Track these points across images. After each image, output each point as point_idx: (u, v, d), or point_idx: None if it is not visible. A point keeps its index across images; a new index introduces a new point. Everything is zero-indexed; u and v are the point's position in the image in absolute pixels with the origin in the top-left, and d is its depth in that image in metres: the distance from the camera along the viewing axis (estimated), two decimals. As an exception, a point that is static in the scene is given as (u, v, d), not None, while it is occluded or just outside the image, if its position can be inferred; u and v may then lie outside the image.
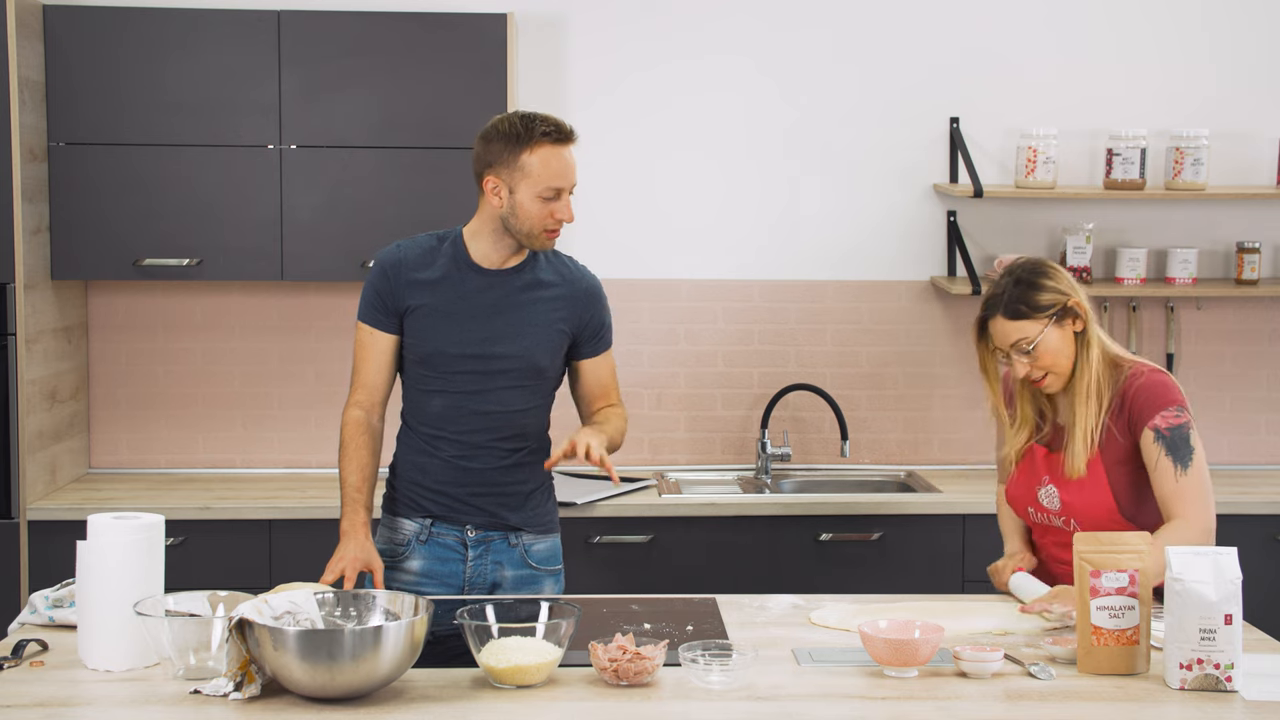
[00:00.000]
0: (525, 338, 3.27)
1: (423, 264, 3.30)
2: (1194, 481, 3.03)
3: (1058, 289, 3.10)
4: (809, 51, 4.82)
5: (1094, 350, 3.11)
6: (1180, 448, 3.05)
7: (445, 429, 3.31)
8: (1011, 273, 3.15)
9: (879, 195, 4.86)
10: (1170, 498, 3.03)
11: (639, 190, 4.84)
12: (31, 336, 4.30)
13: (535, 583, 3.37)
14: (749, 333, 4.87)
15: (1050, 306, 3.09)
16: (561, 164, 3.22)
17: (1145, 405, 3.08)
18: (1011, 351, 3.11)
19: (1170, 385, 3.12)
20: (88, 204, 4.42)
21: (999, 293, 3.12)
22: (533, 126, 3.19)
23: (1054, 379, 3.13)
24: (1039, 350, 3.08)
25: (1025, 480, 3.23)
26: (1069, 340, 3.11)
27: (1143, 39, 4.86)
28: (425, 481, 3.34)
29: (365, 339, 3.33)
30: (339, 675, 2.47)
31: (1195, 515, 3.01)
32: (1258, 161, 4.86)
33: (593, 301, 3.37)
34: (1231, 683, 2.59)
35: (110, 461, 4.80)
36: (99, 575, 2.72)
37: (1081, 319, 3.12)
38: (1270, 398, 4.95)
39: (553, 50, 4.78)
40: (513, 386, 3.29)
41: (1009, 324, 3.09)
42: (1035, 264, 3.16)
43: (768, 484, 4.72)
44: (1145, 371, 3.12)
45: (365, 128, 4.44)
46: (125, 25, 4.40)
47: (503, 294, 3.28)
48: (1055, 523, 3.18)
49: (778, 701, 2.56)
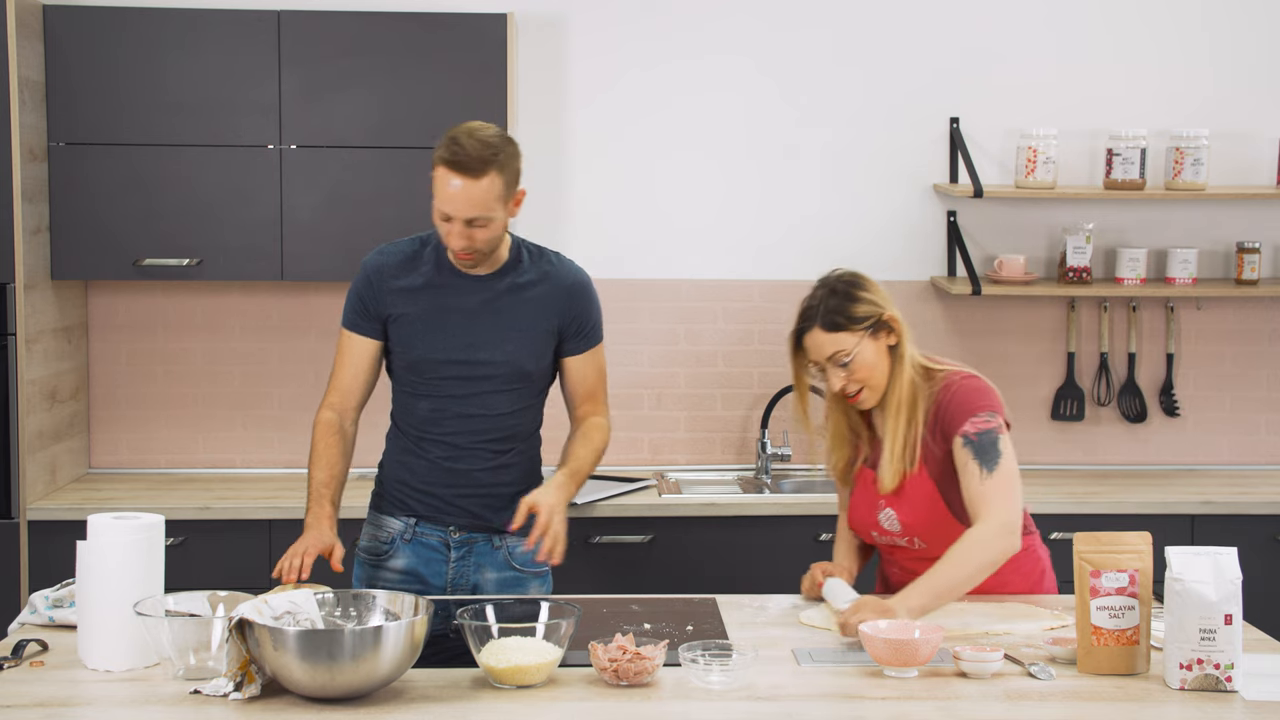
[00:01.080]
0: (509, 343, 3.26)
1: (405, 270, 3.28)
2: (998, 483, 2.98)
3: (873, 301, 3.08)
4: (809, 51, 4.82)
5: (906, 365, 3.08)
6: (987, 451, 3.00)
7: (432, 431, 3.31)
8: (826, 284, 3.12)
9: (879, 195, 4.86)
10: (975, 499, 2.99)
11: (639, 190, 4.84)
12: (31, 336, 4.30)
13: (520, 584, 3.36)
14: (749, 333, 4.87)
15: (866, 318, 3.06)
16: (448, 189, 3.09)
17: (956, 413, 3.05)
18: (828, 364, 3.08)
19: (983, 390, 3.09)
20: (88, 204, 4.42)
21: (815, 304, 3.10)
22: (444, 144, 3.10)
23: (869, 393, 3.09)
24: (855, 363, 3.05)
25: (863, 504, 3.20)
26: (884, 354, 3.08)
27: (1142, 39, 4.86)
28: (412, 481, 3.34)
29: (346, 344, 3.33)
30: (339, 675, 2.47)
31: (994, 513, 2.96)
32: (1258, 161, 4.86)
33: (577, 296, 3.32)
34: (1231, 683, 2.59)
35: (110, 461, 4.80)
36: (99, 575, 2.72)
37: (896, 333, 3.09)
38: (1270, 398, 4.95)
39: (553, 50, 4.78)
40: (499, 390, 3.28)
41: (826, 336, 3.07)
42: (850, 276, 3.13)
43: (768, 484, 4.72)
44: (958, 380, 3.09)
45: (365, 128, 4.44)
46: (125, 25, 4.40)
47: (485, 299, 3.26)
48: (899, 542, 3.17)
49: (778, 701, 2.56)
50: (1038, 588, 3.21)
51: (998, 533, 2.95)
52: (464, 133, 3.10)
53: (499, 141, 3.12)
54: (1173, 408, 4.91)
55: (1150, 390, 4.93)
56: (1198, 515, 4.40)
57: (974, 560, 2.94)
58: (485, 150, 3.07)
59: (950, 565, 2.93)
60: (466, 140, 3.08)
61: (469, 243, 3.13)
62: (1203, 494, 4.50)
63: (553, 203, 4.81)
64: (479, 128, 3.13)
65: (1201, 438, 4.95)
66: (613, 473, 4.72)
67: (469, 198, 3.08)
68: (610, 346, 4.82)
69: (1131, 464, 4.94)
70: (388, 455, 3.42)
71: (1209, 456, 4.96)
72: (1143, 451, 4.95)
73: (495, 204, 3.11)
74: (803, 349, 3.13)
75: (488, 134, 3.12)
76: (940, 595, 2.91)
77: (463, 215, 3.09)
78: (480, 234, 3.13)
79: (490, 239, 3.16)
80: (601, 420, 3.39)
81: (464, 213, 3.09)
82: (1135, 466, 4.93)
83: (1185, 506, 4.41)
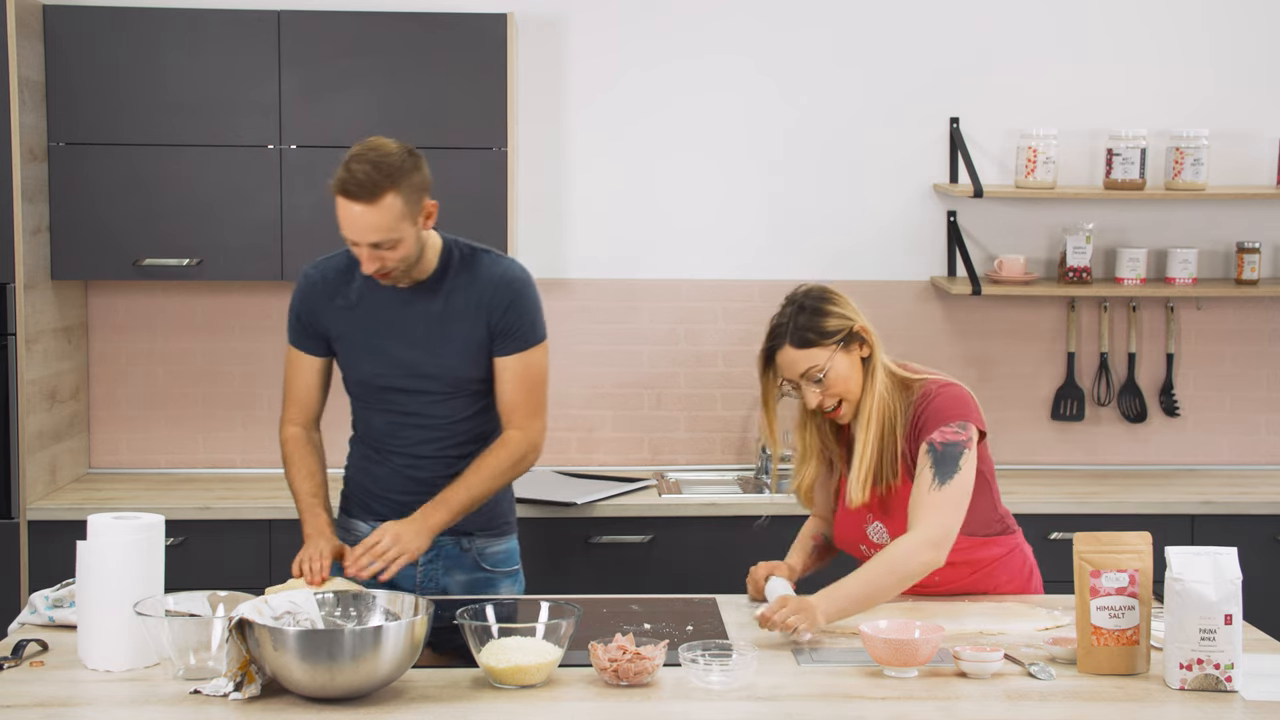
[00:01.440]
0: (446, 354, 3.20)
1: (339, 287, 3.24)
2: (946, 497, 2.95)
3: (843, 314, 3.04)
4: (809, 52, 4.82)
5: (879, 376, 3.05)
6: (946, 463, 2.97)
7: (390, 443, 3.29)
8: (794, 301, 3.08)
9: (879, 195, 4.86)
10: (918, 506, 2.96)
11: (639, 190, 4.84)
12: (31, 336, 4.30)
13: (490, 585, 3.35)
14: (749, 333, 4.87)
15: (837, 332, 3.02)
16: (346, 216, 3.01)
17: (929, 419, 3.02)
18: (802, 381, 3.04)
19: (960, 398, 3.05)
20: (88, 204, 4.42)
21: (784, 322, 3.05)
22: (339, 168, 3.01)
23: (847, 407, 3.06)
24: (829, 378, 3.02)
25: (850, 520, 3.17)
26: (857, 366, 3.04)
27: (1142, 39, 4.86)
28: (376, 489, 3.33)
29: (295, 360, 3.31)
30: (339, 675, 2.47)
31: (929, 526, 2.93)
32: (1258, 161, 4.86)
33: (502, 294, 3.19)
34: (1231, 683, 2.59)
35: (110, 461, 4.80)
36: (99, 575, 2.72)
37: (868, 344, 3.06)
38: (1270, 398, 4.95)
39: (553, 50, 4.78)
40: (449, 399, 3.24)
41: (797, 353, 3.02)
42: (818, 290, 3.09)
43: (768, 484, 4.72)
44: (935, 388, 3.06)
45: (365, 128, 4.42)
46: (125, 25, 4.40)
47: (418, 312, 3.20)
48: None
49: (778, 701, 2.56)
50: (1026, 587, 3.20)
51: (925, 545, 2.91)
52: (357, 155, 3.00)
53: (395, 159, 3.02)
54: (1173, 408, 4.91)
55: (1150, 390, 4.93)
56: (1198, 515, 4.40)
57: (900, 570, 2.91)
58: (377, 173, 2.97)
59: (876, 572, 2.91)
60: (357, 166, 2.98)
61: (380, 265, 3.07)
62: (1203, 494, 4.50)
63: (553, 203, 4.82)
64: (374, 147, 3.03)
65: (1201, 438, 4.95)
66: (613, 473, 4.72)
67: (368, 224, 2.99)
68: (610, 346, 4.85)
69: (1131, 464, 4.94)
70: (351, 461, 3.40)
71: (1209, 456, 4.96)
72: (1143, 451, 4.95)
73: (398, 224, 3.01)
74: (773, 367, 3.08)
75: (383, 153, 3.01)
76: (858, 600, 2.89)
77: (366, 240, 3.02)
78: (391, 255, 3.05)
79: (403, 258, 3.07)
80: (514, 435, 3.23)
81: (366, 238, 3.01)
82: (1135, 466, 4.93)
83: (1185, 506, 4.41)
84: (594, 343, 4.84)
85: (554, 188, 4.82)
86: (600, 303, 4.84)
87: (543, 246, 4.82)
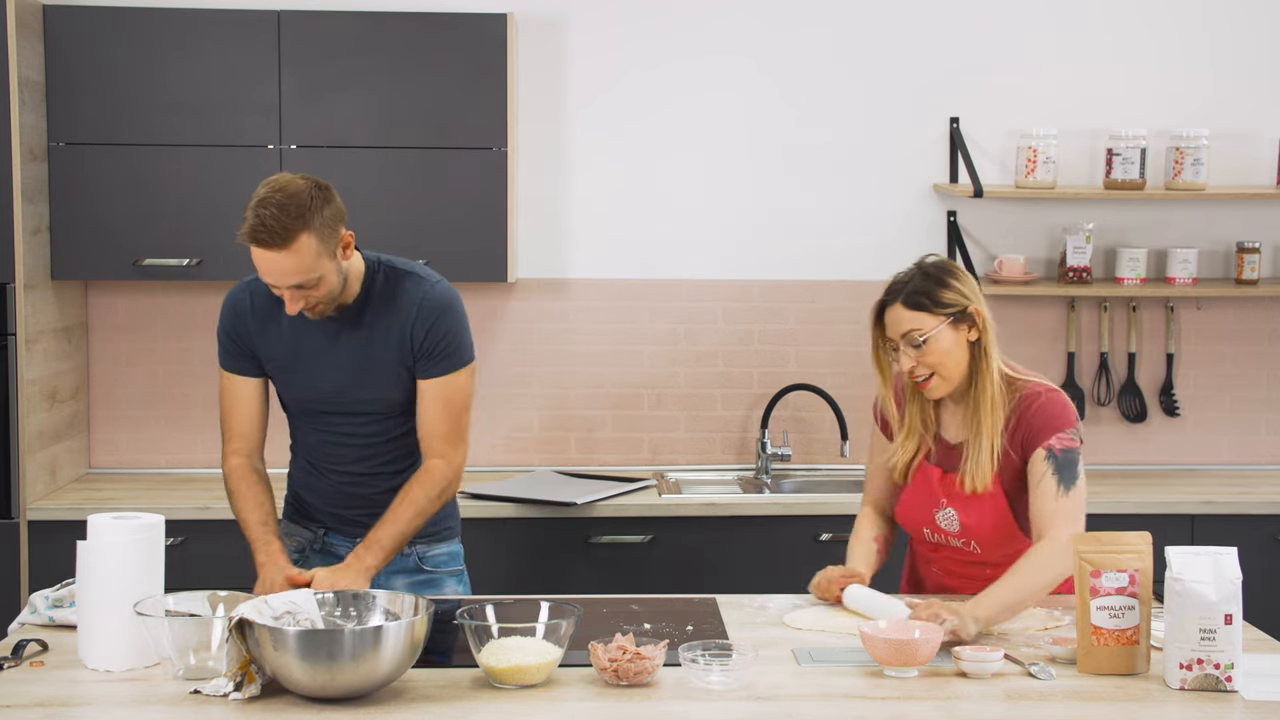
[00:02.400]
0: (371, 381, 3.17)
1: (268, 312, 3.20)
2: (1073, 504, 2.98)
3: (961, 291, 3.05)
4: (809, 52, 4.82)
5: (991, 363, 3.06)
6: (1067, 469, 3.00)
7: (327, 461, 3.29)
8: (921, 266, 3.10)
9: (879, 195, 4.86)
10: (1047, 516, 2.98)
11: (639, 190, 4.84)
12: (31, 336, 4.30)
13: (435, 585, 3.33)
14: (749, 333, 4.87)
15: (950, 305, 3.03)
16: (262, 263, 2.97)
17: (1042, 425, 3.03)
18: (901, 342, 3.06)
19: (1067, 406, 3.07)
20: (88, 204, 4.42)
21: (903, 281, 3.08)
22: (246, 216, 2.95)
23: (939, 383, 3.07)
24: (928, 346, 3.02)
25: (920, 501, 3.18)
26: (961, 346, 3.05)
27: (1142, 39, 4.86)
28: (315, 501, 3.33)
29: (230, 386, 3.27)
30: (339, 675, 2.47)
31: (1063, 532, 2.94)
32: (1258, 161, 4.86)
33: (424, 317, 3.14)
34: (1231, 683, 2.59)
35: (110, 461, 4.80)
36: (99, 575, 2.71)
37: (979, 328, 3.07)
38: (1270, 398, 4.95)
39: (553, 50, 4.78)
40: (382, 419, 3.23)
41: (906, 312, 3.04)
42: (945, 263, 3.11)
43: (768, 484, 4.72)
44: (1042, 391, 3.07)
45: (365, 128, 4.44)
46: (125, 25, 4.39)
47: (345, 340, 3.16)
48: (953, 543, 3.16)
49: (778, 701, 2.55)
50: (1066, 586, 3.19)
51: (1066, 552, 2.92)
52: (263, 200, 2.94)
53: (303, 198, 2.95)
54: (1173, 408, 4.91)
55: (1150, 390, 4.93)
56: (1198, 515, 4.40)
57: (1043, 576, 2.92)
58: (286, 216, 2.92)
59: (1020, 579, 2.91)
60: (265, 211, 2.92)
61: (305, 303, 3.04)
62: (1203, 494, 4.50)
63: (553, 203, 4.82)
64: (280, 188, 2.95)
65: (1201, 438, 4.95)
66: (613, 473, 4.72)
67: (285, 268, 2.95)
68: (610, 346, 4.85)
69: (1131, 464, 4.94)
70: (292, 472, 3.39)
71: (1209, 456, 4.96)
72: (1143, 451, 4.95)
73: (316, 262, 2.97)
74: (882, 323, 3.10)
75: (289, 194, 2.95)
76: (1008, 608, 2.89)
77: (286, 284, 2.98)
78: (314, 293, 3.02)
79: (327, 293, 3.04)
80: (436, 464, 3.17)
81: (285, 282, 2.98)
82: (1135, 466, 4.93)
83: (1185, 506, 4.41)
84: (594, 343, 4.84)
85: (554, 188, 4.82)
86: (600, 303, 4.84)
87: (543, 247, 4.82)
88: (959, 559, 3.17)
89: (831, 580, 3.14)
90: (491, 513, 4.27)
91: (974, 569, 3.13)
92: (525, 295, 4.82)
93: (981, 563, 3.11)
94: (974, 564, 3.14)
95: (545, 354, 4.84)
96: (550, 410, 4.86)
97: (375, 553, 3.07)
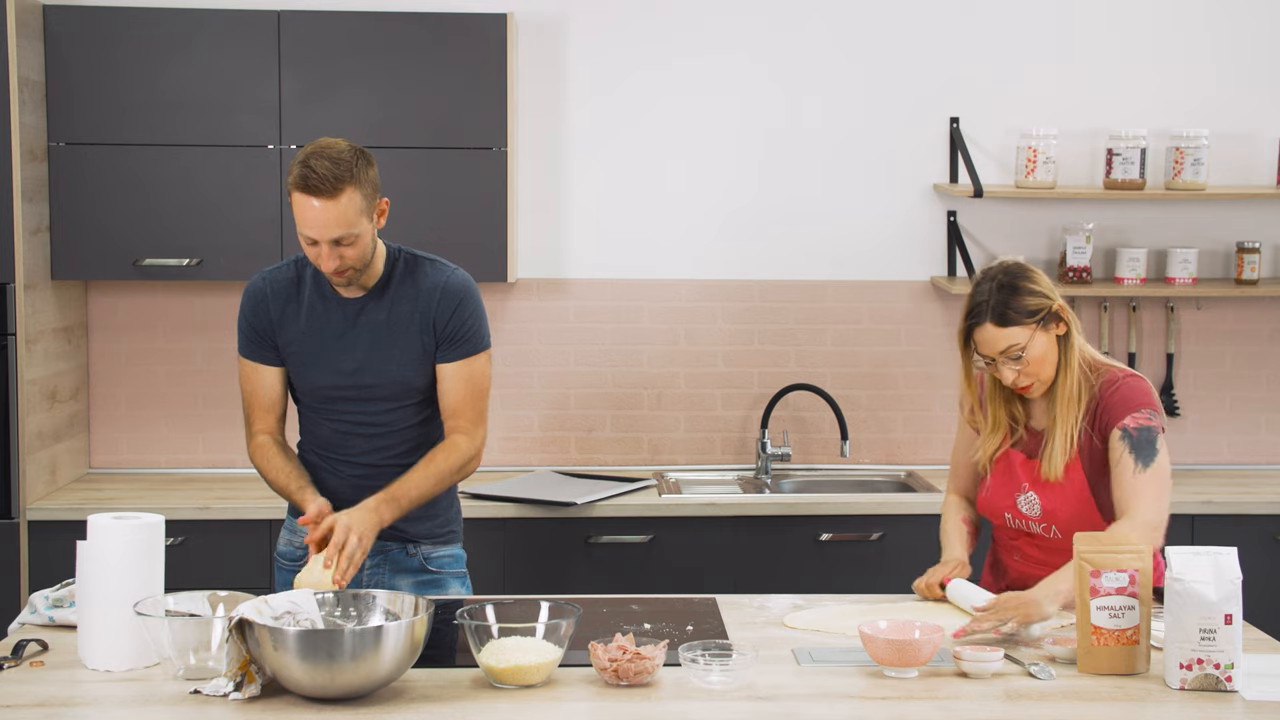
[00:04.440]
0: (392, 364, 3.21)
1: (287, 298, 3.25)
2: (1152, 479, 2.99)
3: (1042, 293, 3.06)
4: (809, 51, 4.82)
5: (1075, 354, 3.09)
6: (1144, 447, 3.01)
7: (339, 452, 3.30)
8: (993, 279, 3.08)
9: (879, 195, 4.86)
10: (1125, 494, 3.00)
11: (639, 190, 4.84)
12: (31, 336, 4.30)
13: (439, 585, 3.34)
14: (749, 333, 4.87)
15: (1037, 311, 3.05)
16: (309, 213, 3.04)
17: (1119, 407, 3.05)
18: (1000, 358, 3.07)
19: (1147, 390, 3.09)
20: (88, 204, 4.42)
21: (984, 299, 3.06)
22: (293, 169, 3.04)
23: (1039, 385, 3.10)
24: (1028, 356, 3.05)
25: (1002, 486, 3.20)
26: (1054, 345, 3.08)
27: (1143, 39, 4.86)
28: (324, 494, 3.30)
29: (251, 373, 3.30)
30: (339, 675, 2.47)
31: (1144, 510, 2.96)
32: (1258, 161, 4.86)
33: (446, 301, 3.21)
34: (1231, 683, 2.59)
35: (110, 461, 4.80)
36: (99, 575, 2.72)
37: (1065, 322, 3.09)
38: (1270, 398, 4.95)
39: (553, 50, 4.78)
40: (398, 407, 3.25)
41: (998, 331, 3.04)
42: (1016, 268, 3.10)
43: (768, 484, 4.72)
44: (1122, 376, 3.10)
45: (365, 128, 4.44)
46: (125, 25, 4.39)
47: (362, 322, 3.21)
48: (1034, 529, 3.17)
49: (778, 701, 2.56)
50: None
51: (1142, 531, 2.92)
52: (314, 154, 3.04)
53: (351, 156, 3.06)
54: (1173, 408, 4.91)
55: (1150, 390, 4.93)
56: (1198, 515, 4.40)
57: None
58: (337, 168, 3.02)
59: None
60: (317, 162, 3.01)
61: (340, 262, 3.09)
62: (1203, 494, 4.50)
63: (553, 203, 4.82)
64: (328, 145, 3.06)
65: (1201, 438, 4.95)
66: (613, 473, 4.72)
67: (330, 219, 3.03)
68: (610, 346, 4.85)
69: (1131, 464, 4.93)
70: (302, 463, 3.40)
71: (1209, 456, 4.96)
72: (1143, 451, 4.94)
73: (358, 219, 3.05)
74: (971, 344, 3.10)
75: (338, 150, 3.05)
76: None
77: (328, 237, 3.04)
78: (350, 252, 3.08)
79: (361, 255, 3.10)
80: (460, 440, 3.23)
81: (329, 234, 3.04)
82: (1135, 466, 4.93)
83: (1185, 506, 4.40)
84: (594, 343, 4.85)
85: (554, 187, 4.82)
86: (600, 303, 4.84)
87: (543, 246, 4.82)
88: (1039, 546, 3.18)
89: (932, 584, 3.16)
90: (492, 513, 4.27)
91: (1054, 556, 3.12)
92: (525, 295, 4.82)
93: (1062, 549, 3.09)
94: (1054, 551, 3.13)
95: (545, 354, 4.84)
96: (550, 410, 4.86)
97: (392, 508, 3.12)
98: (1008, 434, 3.21)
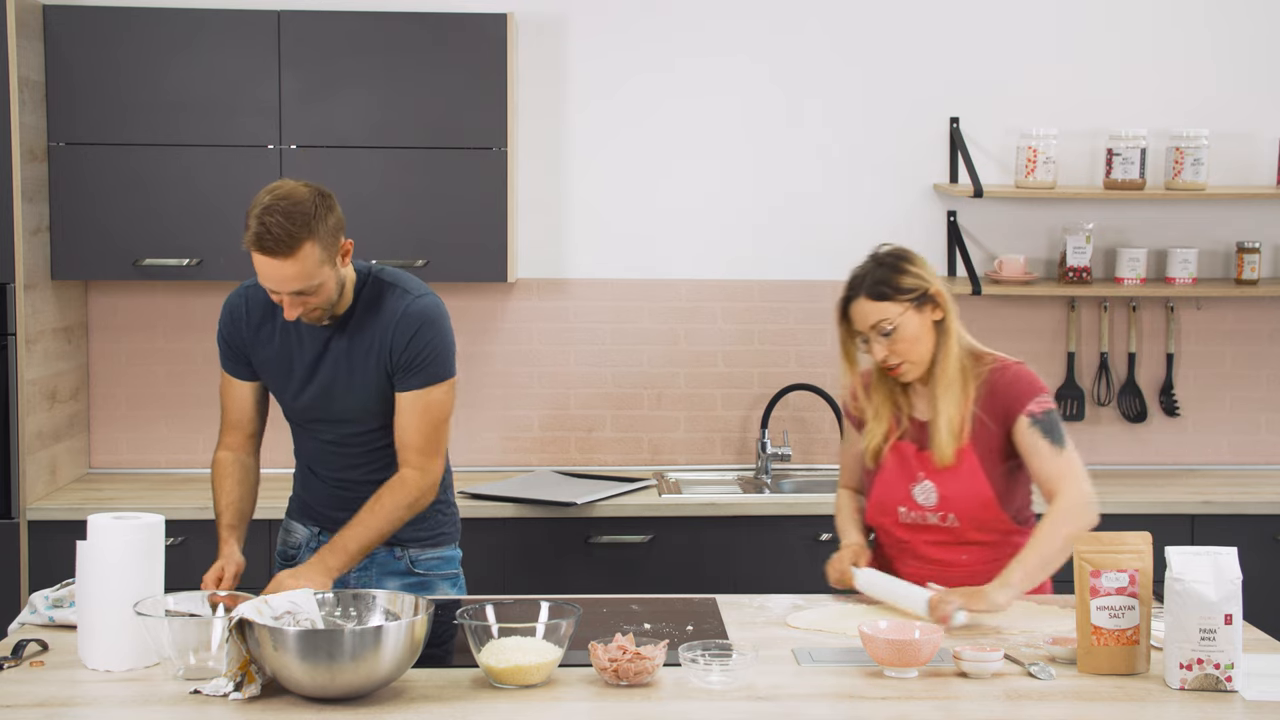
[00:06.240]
0: (355, 392, 3.19)
1: (263, 317, 3.24)
2: (1072, 457, 3.09)
3: (919, 275, 3.13)
4: (809, 52, 4.83)
5: (952, 340, 3.14)
6: (1054, 429, 3.10)
7: (322, 467, 3.32)
8: (875, 256, 3.17)
9: (879, 195, 4.86)
10: (1052, 475, 3.07)
11: (639, 190, 4.84)
12: (31, 336, 4.30)
13: (427, 587, 3.33)
14: (749, 333, 4.87)
15: (911, 290, 3.11)
16: (266, 269, 2.99)
17: (1018, 394, 3.11)
18: (871, 333, 3.12)
19: (1036, 377, 3.17)
20: (88, 204, 4.42)
21: (862, 274, 3.15)
22: (249, 223, 2.96)
23: (910, 367, 3.14)
24: (898, 334, 3.10)
25: (896, 478, 3.21)
26: (928, 328, 3.13)
27: (1143, 39, 4.86)
28: (312, 502, 3.36)
29: (228, 385, 3.33)
30: (339, 675, 2.47)
31: (1073, 486, 3.05)
32: (1258, 161, 4.87)
33: (402, 329, 3.13)
34: (1231, 683, 2.59)
35: (110, 461, 4.80)
36: (99, 575, 2.72)
37: (941, 308, 3.14)
38: (1270, 398, 4.95)
39: (553, 50, 4.78)
40: (366, 431, 3.24)
41: (871, 304, 3.11)
42: (900, 250, 3.18)
43: (768, 484, 4.72)
44: (1011, 364, 3.17)
45: (365, 128, 4.44)
46: (125, 25, 4.39)
47: (332, 349, 3.18)
48: (931, 519, 3.17)
49: (778, 701, 2.56)
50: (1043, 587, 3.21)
51: (1082, 505, 3.04)
52: (269, 207, 2.94)
53: (309, 205, 2.96)
54: (1173, 408, 4.91)
55: (1150, 390, 4.93)
56: (1198, 515, 4.40)
57: (1061, 533, 2.99)
58: (292, 224, 2.93)
59: (1040, 541, 3.00)
60: (270, 219, 2.93)
61: (304, 309, 3.07)
62: (1203, 494, 4.50)
63: (553, 203, 4.82)
64: (284, 196, 2.96)
65: (1201, 438, 4.95)
66: (613, 473, 4.72)
67: (288, 275, 2.98)
68: (610, 346, 4.85)
69: (1131, 464, 4.94)
70: (296, 470, 3.43)
71: (1209, 456, 4.96)
72: (1143, 451, 4.95)
73: (318, 269, 3.00)
74: (849, 319, 3.16)
75: (293, 201, 2.96)
76: (1032, 572, 2.98)
77: (287, 290, 3.01)
78: (314, 299, 3.05)
79: (325, 300, 3.07)
80: (409, 475, 3.15)
81: (287, 289, 3.00)
82: (1135, 466, 4.93)
83: (1185, 506, 4.41)
84: (594, 343, 4.85)
85: (554, 188, 4.82)
86: (600, 303, 4.84)
87: (543, 246, 4.82)
88: (936, 538, 3.18)
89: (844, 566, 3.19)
90: (491, 513, 4.27)
91: (952, 550, 3.15)
92: (525, 295, 4.82)
93: (960, 541, 3.13)
94: (952, 543, 3.15)
95: (545, 354, 4.84)
96: (550, 410, 4.86)
97: (339, 556, 3.08)
98: (893, 425, 3.23)
